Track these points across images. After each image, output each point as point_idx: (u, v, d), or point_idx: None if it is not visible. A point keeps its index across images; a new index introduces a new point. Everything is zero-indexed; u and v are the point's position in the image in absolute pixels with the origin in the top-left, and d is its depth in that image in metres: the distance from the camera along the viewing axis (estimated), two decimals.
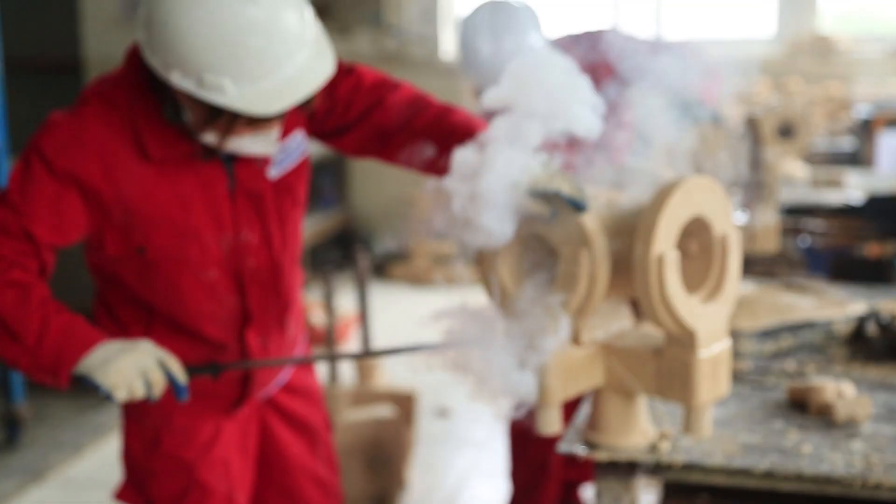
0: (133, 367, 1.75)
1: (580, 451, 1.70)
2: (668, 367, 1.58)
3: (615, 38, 3.08)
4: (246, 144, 1.84)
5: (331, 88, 1.98)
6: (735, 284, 1.62)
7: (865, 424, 1.78)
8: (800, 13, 6.87)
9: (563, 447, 1.72)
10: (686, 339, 1.56)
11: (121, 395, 1.74)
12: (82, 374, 1.76)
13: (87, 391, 1.80)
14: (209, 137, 1.82)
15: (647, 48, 3.08)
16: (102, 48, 7.35)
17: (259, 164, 1.95)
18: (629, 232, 1.57)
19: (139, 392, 1.75)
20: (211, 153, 1.89)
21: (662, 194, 1.54)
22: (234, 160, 1.93)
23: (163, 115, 1.85)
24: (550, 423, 1.66)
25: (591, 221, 1.59)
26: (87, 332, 1.79)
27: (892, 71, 6.41)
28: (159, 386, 1.77)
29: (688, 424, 1.61)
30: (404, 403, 3.87)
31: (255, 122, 1.79)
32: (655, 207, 1.54)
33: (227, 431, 2.11)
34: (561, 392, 1.63)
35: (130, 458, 2.12)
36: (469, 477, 3.91)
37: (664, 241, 1.53)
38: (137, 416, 2.09)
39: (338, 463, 2.34)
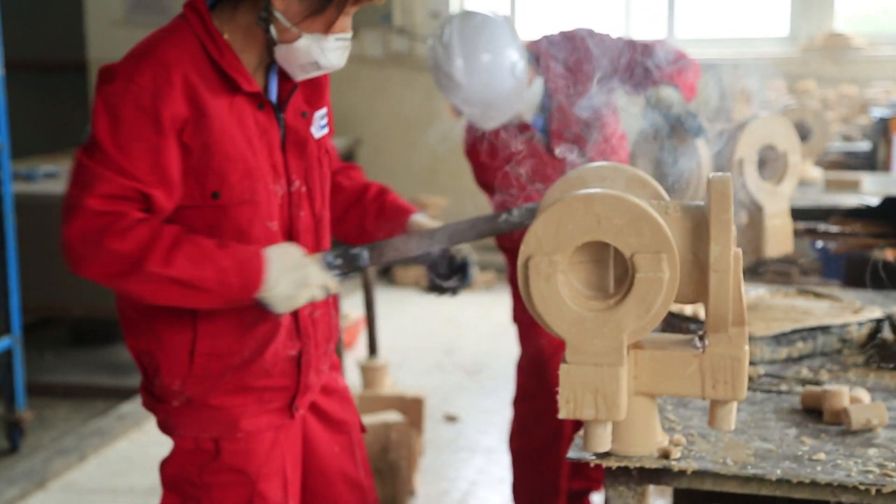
0: (305, 299, 1.96)
1: (590, 458, 1.65)
2: (712, 364, 1.58)
3: (593, 39, 3.03)
4: (330, 49, 1.94)
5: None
6: None
7: (881, 431, 1.74)
8: (814, 12, 6.81)
9: (573, 454, 1.68)
10: (737, 335, 1.57)
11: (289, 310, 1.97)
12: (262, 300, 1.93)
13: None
14: (304, 42, 1.91)
15: (625, 48, 3.05)
16: (107, 49, 7.35)
17: (304, 118, 2.03)
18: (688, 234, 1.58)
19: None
20: (263, 103, 1.96)
21: (724, 193, 1.53)
22: (283, 111, 2.00)
23: (232, 55, 1.93)
24: (604, 441, 1.62)
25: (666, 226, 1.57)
26: (252, 259, 1.91)
27: None
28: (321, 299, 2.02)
29: (718, 419, 1.60)
30: (412, 409, 3.83)
31: (359, 1, 1.93)
32: (724, 207, 1.53)
33: (282, 440, 2.08)
34: (626, 406, 1.60)
35: (181, 474, 2.06)
36: (478, 483, 3.87)
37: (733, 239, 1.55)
38: (197, 429, 2.03)
39: (370, 465, 2.34)
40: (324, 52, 1.94)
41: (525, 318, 3.22)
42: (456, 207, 6.65)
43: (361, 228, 2.24)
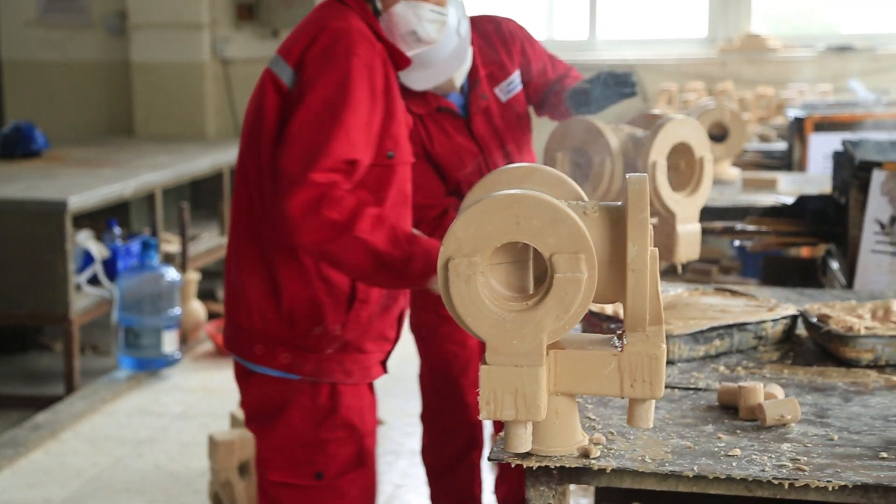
0: None
1: (511, 458, 1.66)
2: (630, 363, 1.60)
3: (505, 27, 3.01)
4: (425, 20, 2.14)
5: None
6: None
7: (794, 426, 1.77)
8: (731, 14, 6.93)
9: (493, 455, 1.68)
10: (655, 333, 1.59)
11: None
12: None
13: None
14: (401, 8, 2.12)
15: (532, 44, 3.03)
16: (21, 49, 7.16)
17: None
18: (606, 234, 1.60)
19: None
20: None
21: (641, 193, 1.55)
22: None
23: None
24: (525, 441, 1.63)
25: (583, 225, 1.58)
26: (436, 251, 2.01)
27: (823, 73, 6.49)
28: None
29: (636, 417, 1.62)
30: None
31: None
32: (641, 207, 1.54)
33: (373, 399, 2.26)
34: (546, 406, 1.61)
35: (295, 435, 2.17)
36: (403, 487, 3.85)
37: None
38: (341, 375, 2.16)
39: None
40: (420, 21, 2.13)
41: (423, 328, 3.15)
42: None
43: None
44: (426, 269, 2.04)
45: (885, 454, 1.65)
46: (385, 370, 2.28)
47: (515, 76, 2.93)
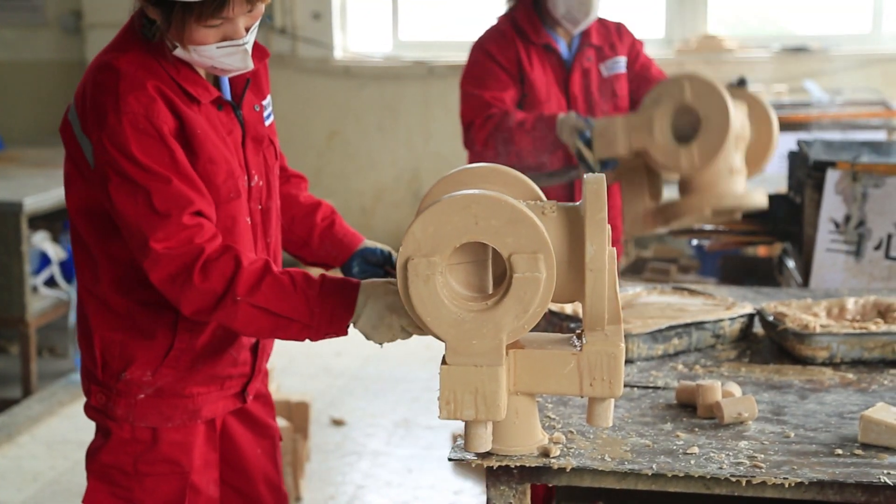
0: (388, 335, 1.88)
1: (471, 458, 1.66)
2: (590, 362, 1.61)
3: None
4: (219, 56, 1.91)
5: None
6: None
7: (751, 424, 1.79)
8: (688, 14, 6.99)
9: (454, 455, 1.69)
10: (613, 332, 1.61)
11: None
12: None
13: None
14: (180, 51, 1.91)
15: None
16: None
17: (257, 111, 2.07)
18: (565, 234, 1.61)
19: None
20: (222, 104, 1.99)
21: (598, 193, 1.58)
22: (240, 107, 2.03)
23: (186, 68, 1.95)
24: (485, 441, 1.64)
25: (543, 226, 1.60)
26: (343, 292, 1.89)
27: (778, 73, 6.57)
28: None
29: (596, 416, 1.64)
30: (297, 413, 3.79)
31: (203, 18, 1.85)
32: (598, 207, 1.57)
33: (211, 432, 2.12)
34: (505, 405, 1.62)
35: (115, 463, 2.06)
36: (364, 487, 3.85)
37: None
38: (159, 420, 2.05)
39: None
40: (212, 59, 1.92)
41: None
42: (341, 209, 6.60)
43: (305, 243, 2.26)
44: (339, 307, 1.89)
45: (839, 451, 1.67)
46: (243, 400, 2.15)
47: (621, 59, 3.36)
